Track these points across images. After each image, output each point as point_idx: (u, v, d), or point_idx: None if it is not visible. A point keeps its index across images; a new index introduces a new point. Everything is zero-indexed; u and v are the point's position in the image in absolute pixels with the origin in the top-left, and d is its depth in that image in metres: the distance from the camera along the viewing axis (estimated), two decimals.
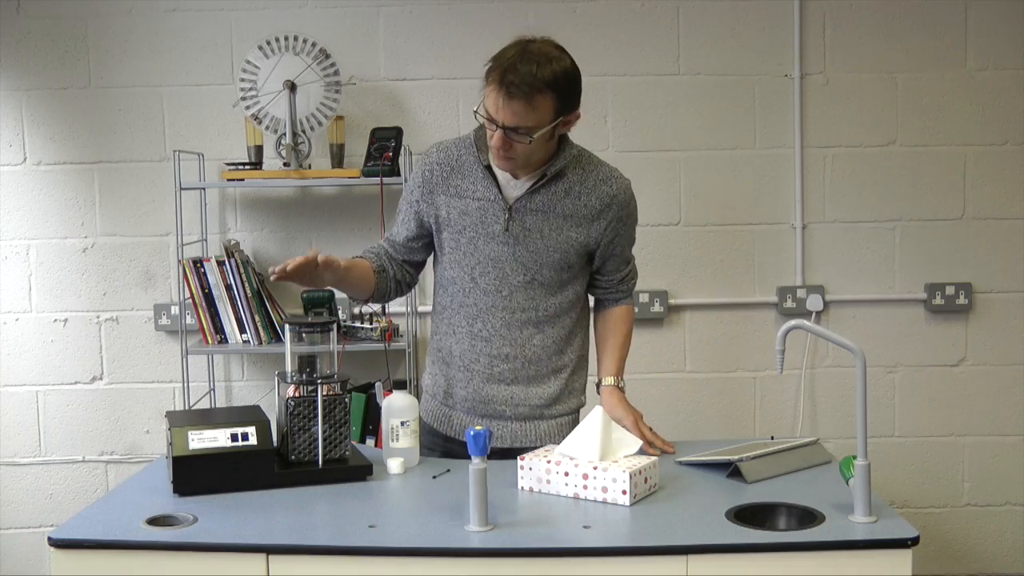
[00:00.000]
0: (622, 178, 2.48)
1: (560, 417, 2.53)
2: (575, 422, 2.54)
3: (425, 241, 2.54)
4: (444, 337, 2.55)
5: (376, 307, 3.47)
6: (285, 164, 3.40)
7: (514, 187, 2.41)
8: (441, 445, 2.57)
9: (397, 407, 2.39)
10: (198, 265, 3.40)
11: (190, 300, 3.42)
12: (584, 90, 3.67)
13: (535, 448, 2.39)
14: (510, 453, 2.44)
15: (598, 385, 2.57)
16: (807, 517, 2.02)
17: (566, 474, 2.17)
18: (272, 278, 2.26)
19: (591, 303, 2.64)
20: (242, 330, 3.42)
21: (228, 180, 3.43)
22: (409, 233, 2.54)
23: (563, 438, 2.39)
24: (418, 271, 2.62)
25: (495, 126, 2.27)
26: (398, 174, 3.36)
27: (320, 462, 2.28)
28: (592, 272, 2.57)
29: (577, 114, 2.36)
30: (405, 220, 2.54)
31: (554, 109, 2.27)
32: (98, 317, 3.65)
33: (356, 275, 2.44)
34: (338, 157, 3.48)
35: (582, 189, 2.42)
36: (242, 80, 3.38)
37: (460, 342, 2.50)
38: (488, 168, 2.41)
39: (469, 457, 1.97)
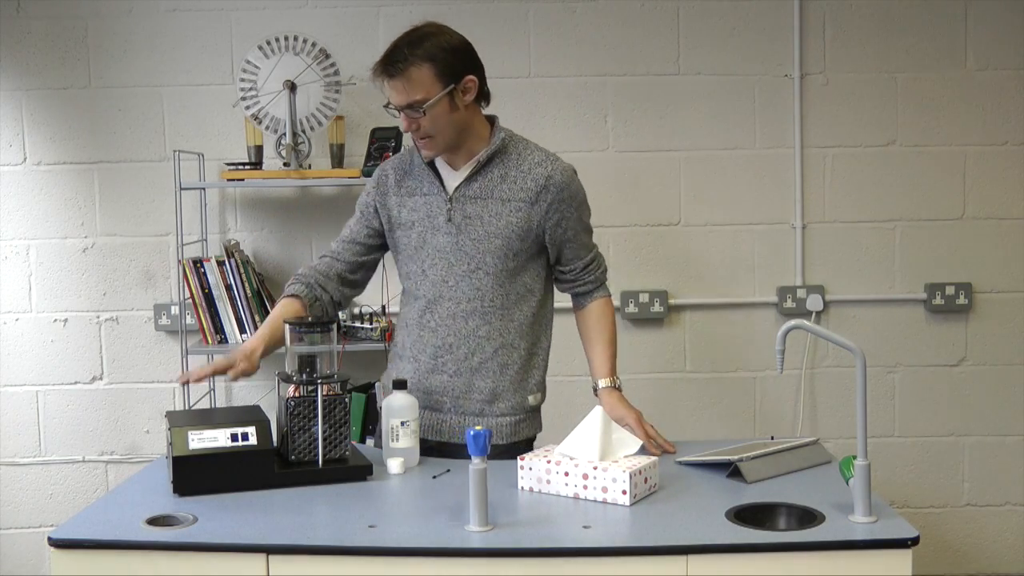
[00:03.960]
0: (560, 161, 2.52)
1: (503, 416, 2.52)
2: (520, 423, 2.54)
3: (372, 243, 2.61)
4: (398, 332, 2.63)
5: (376, 307, 3.47)
6: (285, 164, 3.40)
7: (453, 178, 2.50)
8: None
9: (397, 407, 2.39)
10: (198, 265, 3.41)
11: (190, 300, 3.42)
12: (584, 90, 3.69)
13: None
14: (447, 448, 2.49)
15: (595, 389, 2.57)
16: (807, 517, 2.03)
17: (566, 474, 2.17)
18: (179, 382, 2.30)
19: (572, 304, 2.66)
20: (242, 330, 3.42)
21: (228, 180, 3.43)
22: (356, 235, 2.61)
23: (504, 439, 2.45)
24: (359, 273, 2.64)
25: (396, 112, 2.40)
26: None
27: (320, 462, 2.28)
28: (554, 266, 2.58)
29: (471, 80, 2.41)
30: (357, 223, 2.63)
31: (437, 79, 2.36)
32: (98, 317, 3.65)
33: (280, 341, 2.47)
34: (338, 157, 3.48)
35: (518, 173, 2.47)
36: (242, 80, 3.37)
37: (410, 334, 2.56)
38: (431, 164, 2.51)
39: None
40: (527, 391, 2.55)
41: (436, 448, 2.51)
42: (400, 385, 2.42)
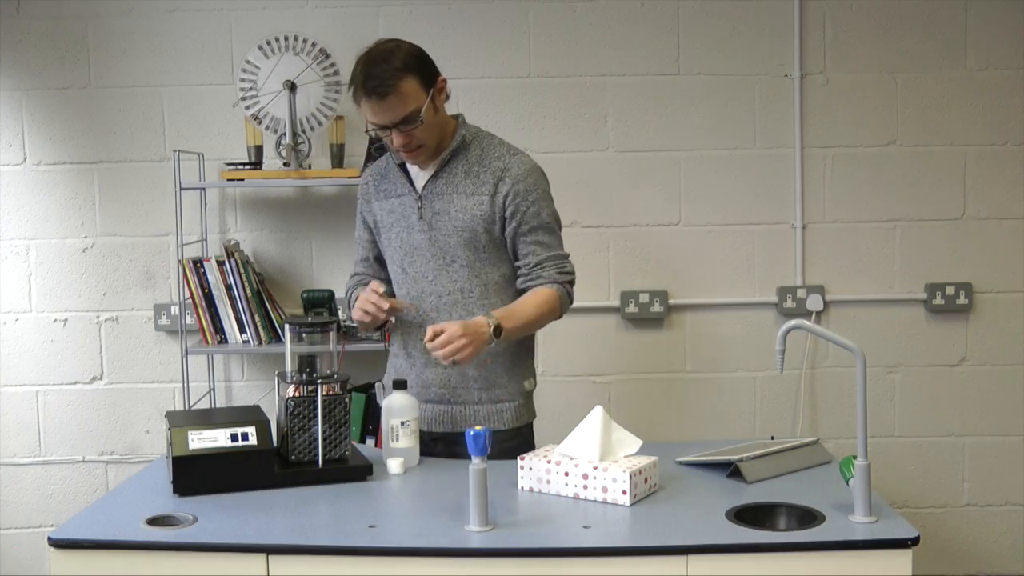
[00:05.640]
0: (521, 155, 2.55)
1: (503, 402, 2.56)
2: (520, 408, 2.59)
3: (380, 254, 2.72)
4: (396, 332, 2.66)
5: None
6: (285, 164, 3.40)
7: (421, 177, 2.56)
8: None
9: (397, 407, 2.39)
10: (198, 265, 3.40)
11: (190, 300, 3.42)
12: (584, 90, 3.69)
13: None
14: (451, 438, 2.52)
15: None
16: (807, 517, 2.03)
17: (566, 474, 2.17)
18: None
19: None
20: (242, 330, 3.42)
21: (228, 180, 3.43)
22: (370, 252, 2.71)
23: (507, 424, 2.49)
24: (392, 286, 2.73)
25: (387, 130, 2.42)
26: None
27: (320, 462, 2.28)
28: (515, 263, 2.58)
29: (443, 80, 2.48)
30: (365, 240, 2.71)
31: (421, 86, 2.42)
32: (98, 317, 3.65)
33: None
34: (338, 157, 3.48)
35: (480, 168, 2.52)
36: (242, 80, 3.37)
37: (404, 333, 2.61)
38: (401, 165, 2.57)
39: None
40: (522, 376, 2.60)
41: (441, 439, 2.55)
42: (400, 385, 2.43)
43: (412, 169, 2.57)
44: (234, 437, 2.21)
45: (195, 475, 2.19)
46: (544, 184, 2.55)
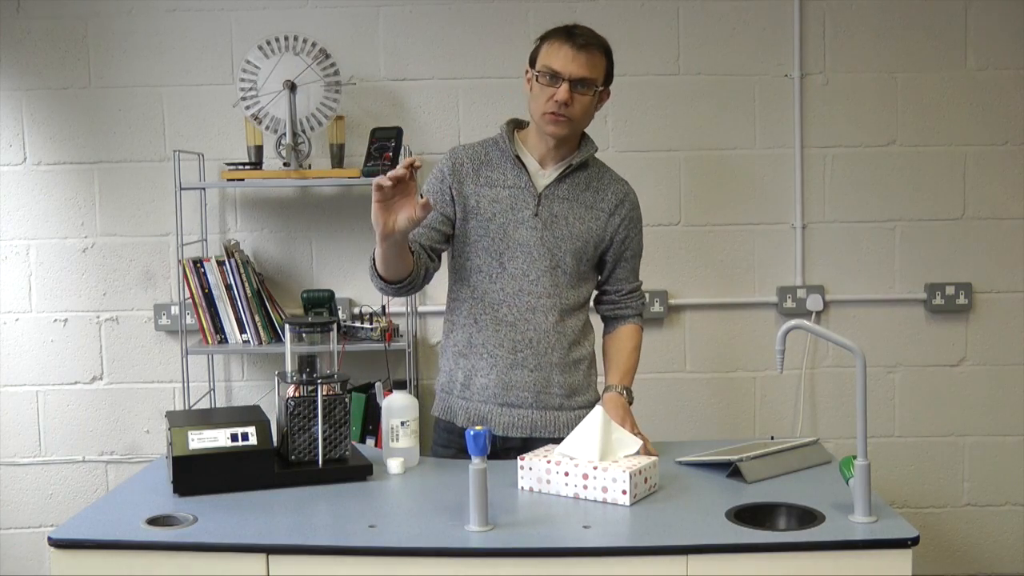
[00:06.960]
0: (630, 185, 2.68)
1: (583, 409, 2.55)
2: None
3: (446, 230, 2.54)
4: (463, 328, 2.57)
5: (376, 307, 3.47)
6: (285, 164, 3.40)
7: (543, 176, 2.56)
8: (457, 441, 2.56)
9: (397, 407, 2.39)
10: (198, 265, 3.40)
11: (190, 300, 3.42)
12: None
13: (555, 439, 2.41)
14: (531, 443, 2.47)
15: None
16: (807, 517, 2.03)
17: (566, 474, 2.17)
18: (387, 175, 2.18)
19: (603, 327, 2.73)
20: (242, 330, 3.42)
21: (228, 180, 3.42)
22: (431, 220, 2.50)
23: None
24: (435, 262, 2.57)
25: (559, 81, 2.45)
26: None
27: (320, 462, 2.28)
28: (601, 284, 2.66)
29: (609, 91, 2.57)
30: (439, 211, 2.53)
31: (605, 72, 2.52)
32: (98, 317, 3.65)
33: (405, 249, 2.36)
34: (338, 157, 3.48)
35: (599, 184, 2.59)
36: (242, 80, 3.37)
37: (483, 330, 2.53)
38: (518, 158, 2.55)
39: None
40: (596, 386, 2.63)
41: (520, 447, 2.46)
42: (400, 385, 2.43)
43: (531, 166, 2.55)
44: (234, 437, 2.22)
45: (195, 475, 2.19)
46: None
